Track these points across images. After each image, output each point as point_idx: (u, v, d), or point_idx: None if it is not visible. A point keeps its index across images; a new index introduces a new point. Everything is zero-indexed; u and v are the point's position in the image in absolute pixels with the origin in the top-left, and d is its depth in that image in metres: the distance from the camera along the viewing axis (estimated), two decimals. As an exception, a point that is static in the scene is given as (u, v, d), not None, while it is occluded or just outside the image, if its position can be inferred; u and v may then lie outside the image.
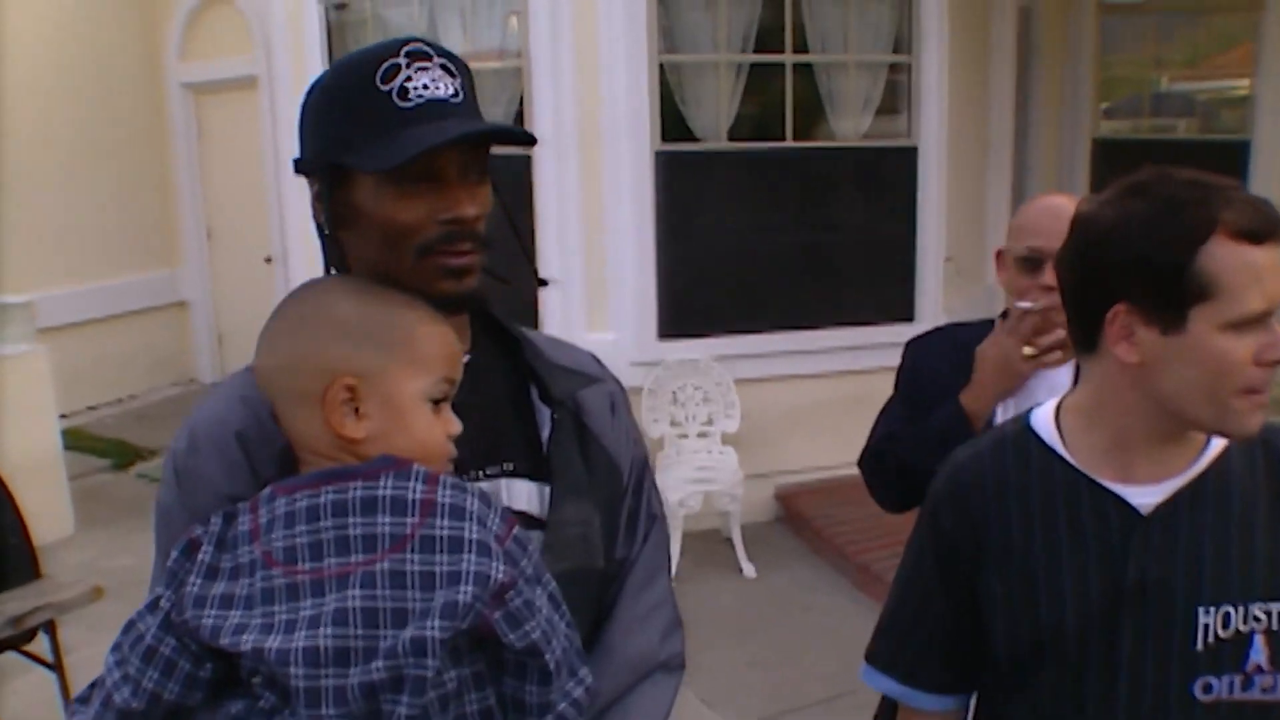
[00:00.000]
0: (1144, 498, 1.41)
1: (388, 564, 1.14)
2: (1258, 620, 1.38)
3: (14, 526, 3.77)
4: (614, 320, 5.90)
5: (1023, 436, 1.51)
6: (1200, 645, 1.38)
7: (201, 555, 1.19)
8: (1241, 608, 1.38)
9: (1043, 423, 1.51)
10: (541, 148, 5.77)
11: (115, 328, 8.75)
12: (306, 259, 1.22)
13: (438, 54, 1.30)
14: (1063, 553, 1.43)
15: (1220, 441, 1.44)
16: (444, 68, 1.30)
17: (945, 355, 2.29)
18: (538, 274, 1.62)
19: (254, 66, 8.01)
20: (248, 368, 1.33)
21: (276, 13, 6.67)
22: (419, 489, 1.18)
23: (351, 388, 1.22)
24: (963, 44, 6.39)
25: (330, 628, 1.12)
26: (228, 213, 9.13)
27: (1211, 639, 1.38)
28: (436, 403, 1.27)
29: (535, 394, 1.46)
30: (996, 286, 2.27)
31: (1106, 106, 8.54)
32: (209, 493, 1.28)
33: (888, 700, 1.70)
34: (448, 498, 1.18)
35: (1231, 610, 1.38)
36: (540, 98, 5.80)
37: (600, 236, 5.84)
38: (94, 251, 8.66)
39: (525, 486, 1.40)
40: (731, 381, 5.82)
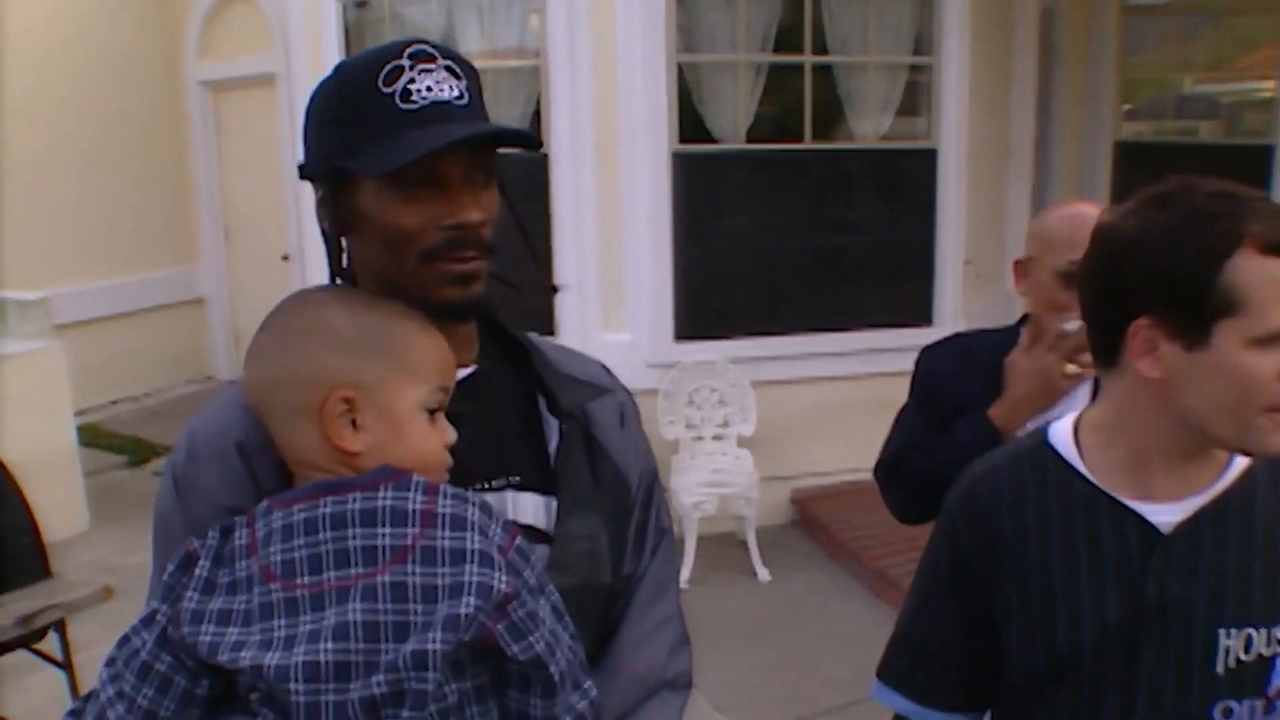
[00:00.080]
0: (1164, 516, 1.38)
1: (389, 576, 1.12)
2: None
3: (24, 525, 3.77)
4: (630, 321, 5.88)
5: (1040, 451, 1.48)
6: (1221, 668, 1.35)
7: (198, 570, 1.17)
8: (1264, 630, 1.35)
9: (1061, 438, 1.47)
10: (558, 147, 5.78)
11: (132, 324, 8.78)
12: (323, 257, 1.23)
13: (442, 55, 1.27)
14: (1080, 571, 1.40)
15: (1243, 460, 1.40)
16: (449, 69, 1.27)
17: (962, 364, 2.25)
18: (551, 280, 1.59)
19: (272, 64, 8.01)
20: None
21: (295, 10, 6.66)
22: (419, 499, 1.16)
23: (349, 399, 1.20)
24: (984, 45, 6.35)
25: (331, 642, 1.09)
26: (245, 210, 9.15)
27: (1233, 662, 1.35)
28: (432, 412, 1.25)
29: (543, 404, 1.42)
30: (1016, 291, 2.22)
31: (1129, 109, 8.48)
32: (208, 503, 1.26)
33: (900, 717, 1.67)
34: (448, 508, 1.16)
35: (1254, 633, 1.35)
36: (558, 97, 5.78)
37: (617, 237, 5.83)
38: (112, 248, 8.69)
39: (531, 499, 1.37)
40: (748, 384, 5.80)
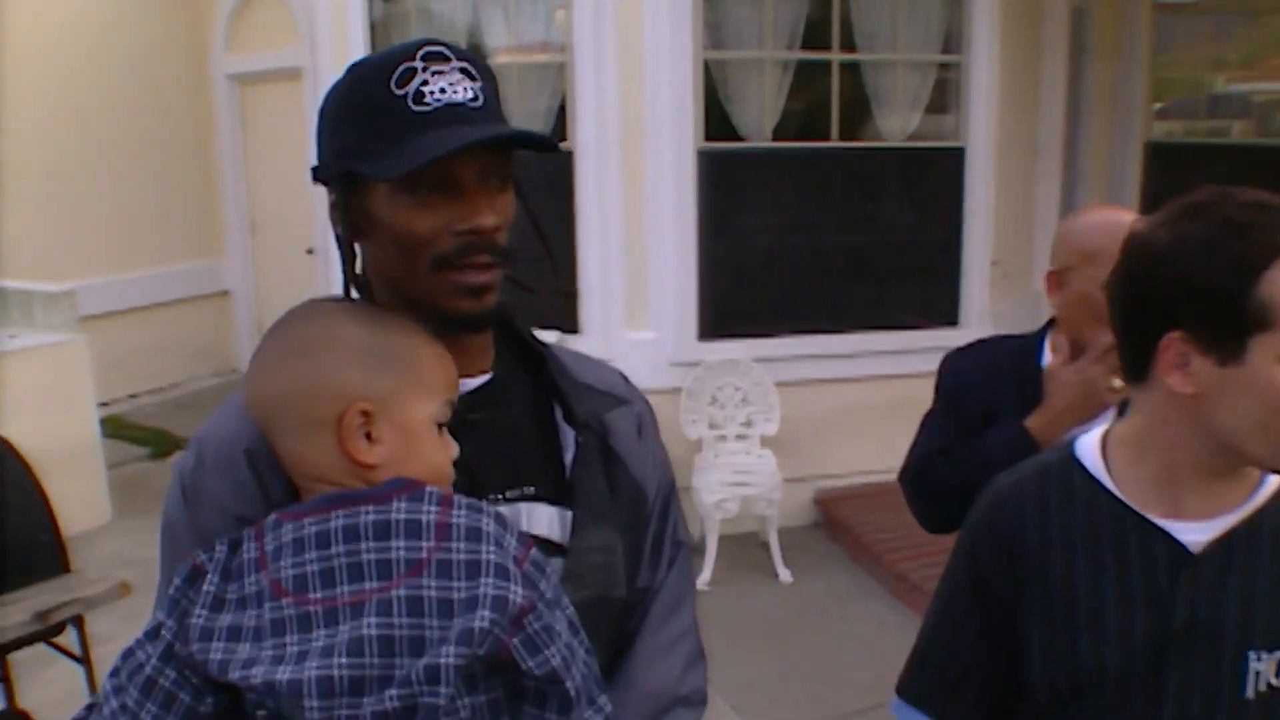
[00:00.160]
0: (1194, 535, 1.34)
1: (404, 590, 1.10)
2: None
3: (43, 521, 3.77)
4: (654, 319, 5.85)
5: (1067, 466, 1.44)
6: (1251, 692, 1.31)
7: (206, 586, 1.15)
8: None
9: (1088, 452, 1.43)
10: (583, 143, 5.75)
11: (158, 317, 8.81)
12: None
13: (457, 56, 1.24)
14: (1106, 590, 1.36)
15: (1276, 478, 1.37)
16: (463, 70, 1.24)
17: (988, 370, 2.21)
18: (571, 283, 1.56)
19: (299, 58, 8.01)
20: None
21: (321, 4, 6.66)
22: (433, 511, 1.14)
23: (367, 412, 1.19)
24: (1013, 43, 6.28)
25: (345, 657, 1.08)
26: (271, 204, 9.16)
27: (1263, 686, 1.31)
28: (440, 426, 1.24)
29: (559, 414, 1.40)
30: (1043, 291, 2.18)
31: (1159, 108, 8.36)
32: (216, 512, 1.24)
33: None
34: (463, 519, 1.14)
35: None
36: (583, 93, 5.75)
37: (641, 234, 5.80)
38: (138, 241, 8.72)
39: (546, 511, 1.34)
40: (772, 383, 5.77)
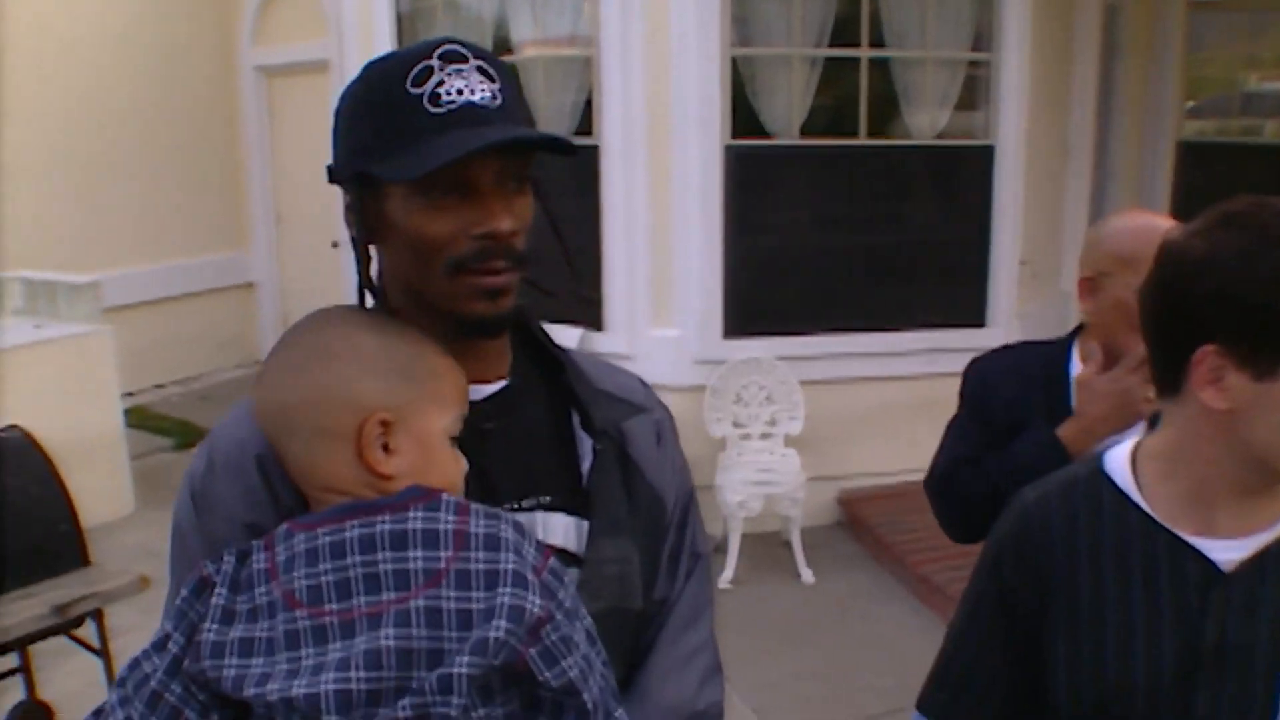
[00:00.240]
0: (1226, 553, 1.30)
1: (423, 601, 1.07)
2: None
3: (64, 514, 3.77)
4: (679, 316, 5.82)
5: (1095, 480, 1.40)
6: None
7: (215, 599, 1.13)
8: None
9: (1118, 467, 1.39)
10: (609, 139, 5.73)
11: (183, 308, 8.85)
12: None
13: (475, 55, 1.21)
14: (1135, 609, 1.32)
15: None
16: (481, 70, 1.21)
17: (1015, 377, 2.18)
18: (592, 290, 1.53)
19: (326, 51, 8.01)
20: None
21: (349, -3, 6.67)
22: (450, 520, 1.12)
23: (386, 423, 1.16)
24: (1044, 41, 6.22)
25: (363, 670, 1.05)
26: (296, 196, 9.17)
27: None
28: (453, 439, 1.22)
29: (577, 421, 1.37)
30: (1072, 292, 2.14)
31: (1191, 106, 8.26)
32: (226, 519, 1.22)
33: None
34: (481, 527, 1.12)
35: None
36: (609, 88, 5.73)
37: (667, 231, 5.77)
38: (164, 232, 8.75)
39: (562, 521, 1.32)
40: (796, 382, 5.72)
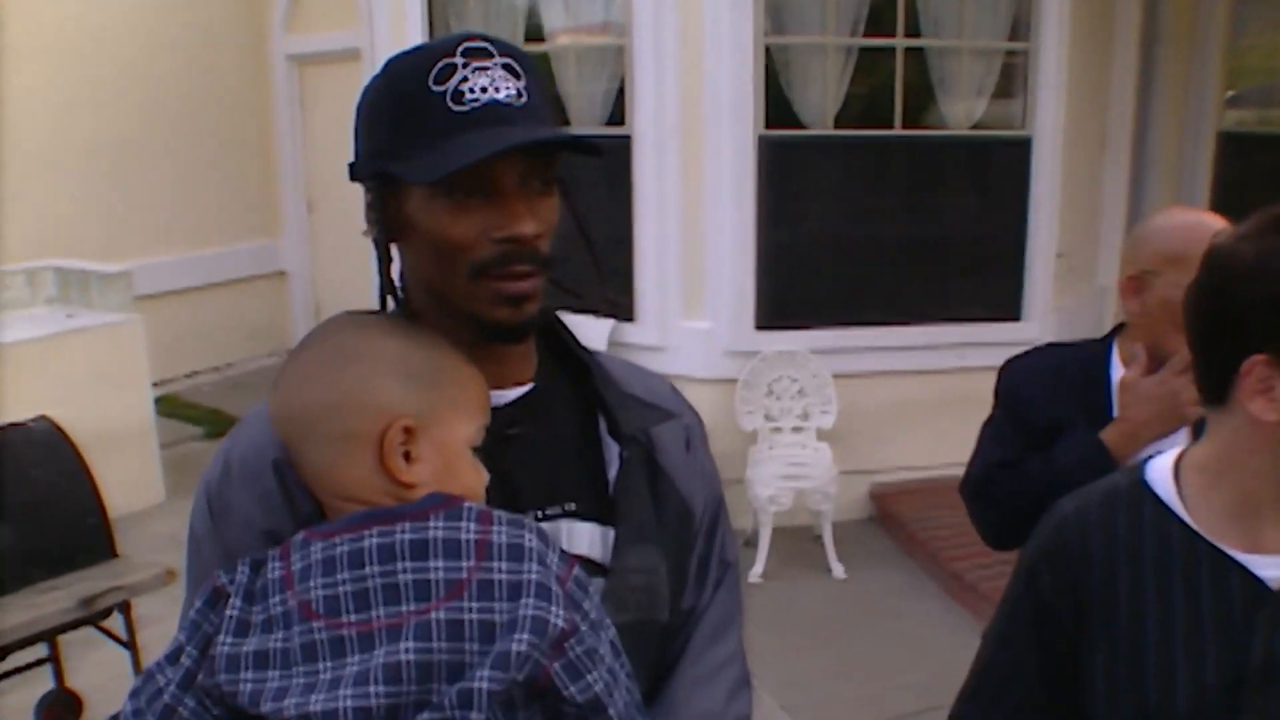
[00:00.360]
0: (1273, 570, 1.24)
1: (444, 613, 1.04)
2: None
3: (91, 506, 3.76)
4: (710, 309, 5.77)
5: (1136, 491, 1.34)
6: None
7: (229, 610, 1.10)
8: None
9: (1160, 478, 1.33)
10: (641, 129, 5.68)
11: (215, 296, 8.86)
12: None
13: (500, 51, 1.17)
14: (1177, 627, 1.27)
15: None
16: (506, 67, 1.17)
17: (1052, 379, 2.13)
18: (618, 293, 1.49)
19: (357, 39, 7.98)
20: None
21: (379, -15, 6.63)
22: (472, 529, 1.08)
23: (409, 429, 1.13)
24: (1083, 29, 6.11)
25: (381, 684, 1.02)
26: (328, 184, 9.15)
27: None
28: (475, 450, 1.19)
29: (604, 426, 1.33)
30: (1109, 286, 2.08)
31: (1230, 95, 8.10)
32: (242, 526, 1.19)
33: None
34: (504, 536, 1.08)
35: None
36: (641, 78, 5.67)
37: (699, 222, 5.72)
38: (196, 220, 8.76)
39: (587, 529, 1.28)
40: (829, 375, 5.67)
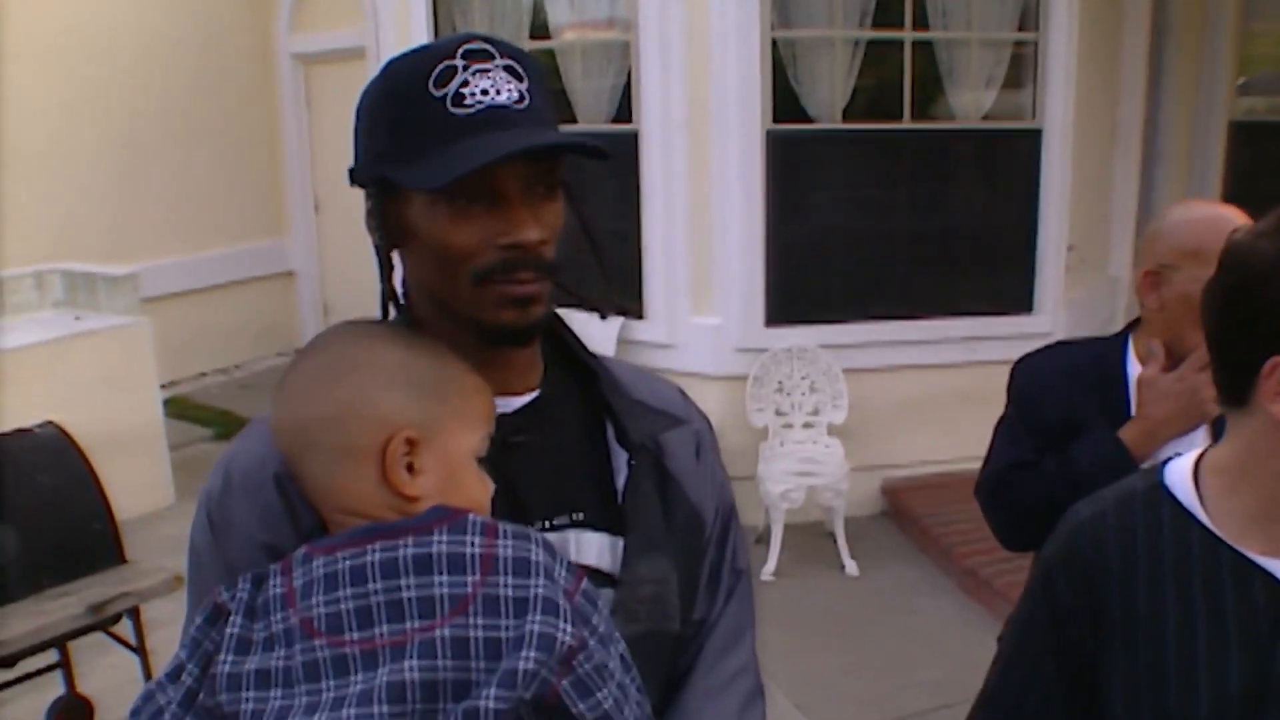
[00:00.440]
0: None
1: (449, 630, 1.01)
2: None
3: (99, 511, 3.74)
4: (720, 305, 5.75)
5: (1155, 494, 1.31)
6: None
7: (230, 628, 1.07)
8: None
9: (1179, 480, 1.30)
10: (648, 124, 5.65)
11: (223, 297, 8.84)
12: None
13: (501, 53, 1.14)
14: (1198, 634, 1.24)
15: None
16: (508, 69, 1.14)
17: (1066, 377, 2.10)
18: (624, 298, 1.46)
19: (363, 38, 7.97)
20: None
21: (384, -17, 6.62)
22: (477, 542, 1.05)
23: (412, 441, 1.10)
24: (1092, 19, 6.06)
25: (385, 704, 0.99)
26: (335, 183, 9.12)
27: None
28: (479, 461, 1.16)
29: (611, 434, 1.30)
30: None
31: (1241, 83, 8.03)
32: (243, 540, 1.16)
33: None
34: (509, 550, 1.05)
35: None
36: (648, 72, 5.64)
37: (707, 217, 5.69)
38: (203, 221, 8.75)
39: (596, 539, 1.25)
40: (840, 371, 5.63)
